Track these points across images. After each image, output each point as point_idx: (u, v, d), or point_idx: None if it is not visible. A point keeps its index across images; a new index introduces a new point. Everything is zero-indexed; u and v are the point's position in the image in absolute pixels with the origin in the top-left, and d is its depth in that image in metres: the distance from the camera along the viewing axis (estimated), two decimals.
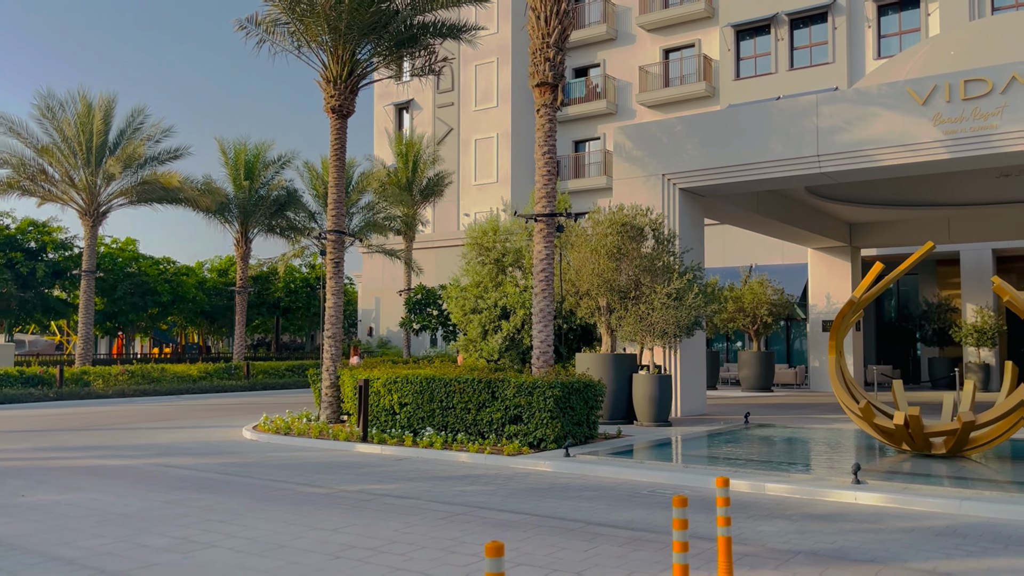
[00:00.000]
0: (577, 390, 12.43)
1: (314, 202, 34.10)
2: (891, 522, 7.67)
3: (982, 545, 6.80)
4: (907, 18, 29.81)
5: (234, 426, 16.78)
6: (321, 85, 16.34)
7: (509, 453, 11.64)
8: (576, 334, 20.36)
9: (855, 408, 11.44)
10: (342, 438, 13.61)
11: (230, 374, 29.00)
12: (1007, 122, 14.30)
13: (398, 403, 13.53)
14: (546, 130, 14.95)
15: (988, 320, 25.95)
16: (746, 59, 32.84)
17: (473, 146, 38.62)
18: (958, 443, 10.77)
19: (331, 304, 16.11)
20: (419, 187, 35.11)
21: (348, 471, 10.89)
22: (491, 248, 20.31)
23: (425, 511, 8.25)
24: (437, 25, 16.85)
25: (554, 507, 8.43)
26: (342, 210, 16.27)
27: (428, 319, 29.11)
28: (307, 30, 15.81)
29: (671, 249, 16.49)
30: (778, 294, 25.69)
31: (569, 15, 15.06)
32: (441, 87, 39.62)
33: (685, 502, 4.87)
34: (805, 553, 6.56)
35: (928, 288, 29.87)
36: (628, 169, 18.32)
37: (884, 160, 15.53)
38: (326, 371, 15.92)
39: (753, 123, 16.94)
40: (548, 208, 14.92)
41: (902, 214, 24.25)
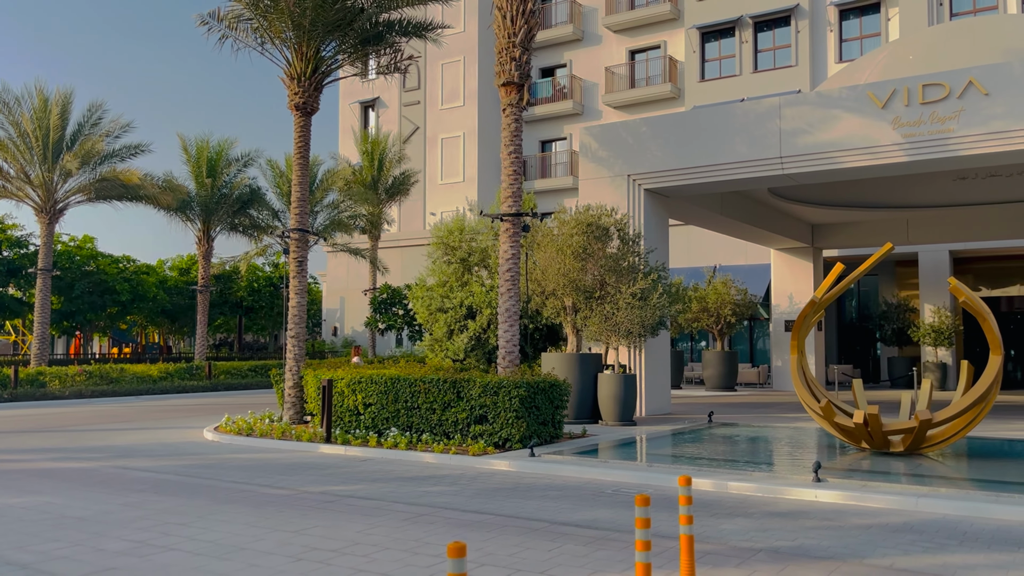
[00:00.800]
0: (542, 390, 12.44)
1: (278, 200, 33.75)
2: (850, 519, 7.77)
3: (937, 541, 6.92)
4: (868, 23, 30.30)
5: (195, 427, 16.53)
6: (285, 82, 16.17)
7: (474, 453, 11.61)
8: (542, 334, 20.39)
9: (816, 407, 11.59)
10: (305, 439, 13.47)
11: (191, 374, 28.59)
12: (964, 126, 14.58)
13: (362, 403, 13.43)
14: (512, 130, 14.94)
15: (945, 320, 26.47)
16: (711, 61, 33.14)
17: (439, 145, 38.51)
18: (915, 441, 10.96)
19: (294, 303, 15.95)
20: (385, 186, 34.92)
21: (311, 472, 10.79)
22: (457, 247, 20.26)
23: (389, 512, 8.19)
24: (403, 23, 16.76)
25: (518, 507, 8.42)
26: (306, 208, 16.11)
27: (393, 319, 28.97)
28: (271, 26, 15.63)
29: (636, 249, 16.57)
30: (741, 294, 25.96)
31: (535, 15, 15.07)
32: (407, 85, 39.45)
33: (647, 501, 4.89)
34: (766, 551, 6.62)
35: (888, 289, 30.39)
36: (594, 169, 18.38)
37: (845, 162, 15.76)
38: (289, 371, 15.75)
39: (717, 124, 17.10)
40: (514, 208, 14.91)
41: (862, 215, 24.64)
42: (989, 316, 10.68)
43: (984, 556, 6.45)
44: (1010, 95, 14.26)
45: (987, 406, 10.85)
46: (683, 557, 5.42)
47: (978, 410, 10.82)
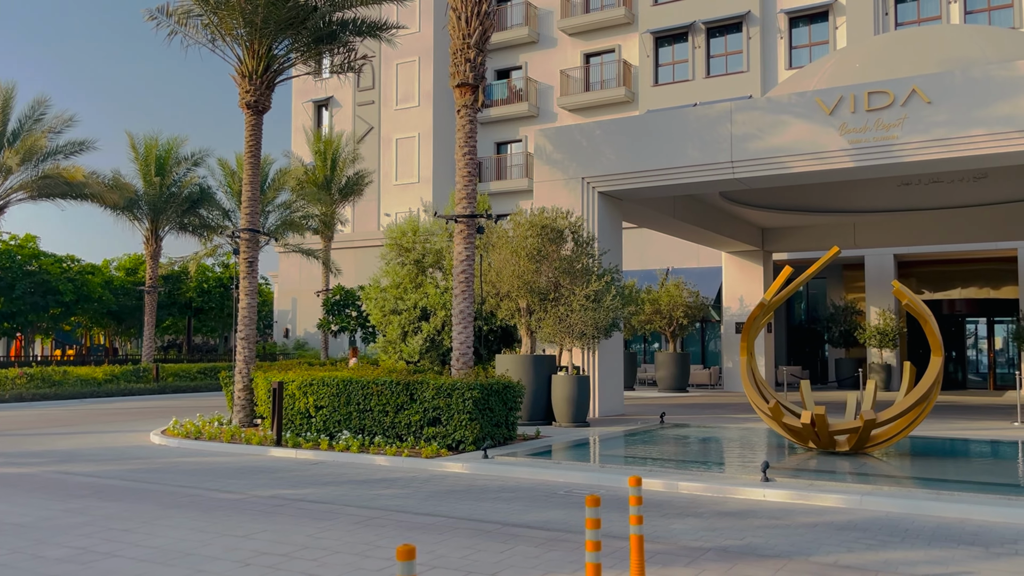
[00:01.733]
0: (496, 391, 12.44)
1: (228, 200, 33.19)
2: (797, 518, 7.91)
3: (880, 538, 7.08)
4: (816, 31, 30.93)
5: (141, 431, 16.18)
6: (236, 80, 15.92)
7: (427, 455, 11.56)
8: (497, 335, 20.39)
9: (765, 408, 11.78)
10: (255, 442, 13.28)
11: (138, 377, 27.98)
12: (907, 133, 14.96)
13: (314, 406, 13.28)
14: (467, 131, 14.92)
15: (890, 323, 27.13)
16: (665, 66, 33.51)
17: (394, 145, 38.30)
18: (860, 441, 11.21)
19: (245, 305, 15.71)
20: (338, 186, 34.59)
21: (261, 476, 10.63)
22: (411, 249, 20.16)
23: (340, 515, 8.11)
24: (357, 23, 16.62)
25: (471, 509, 8.40)
26: (257, 208, 15.89)
27: (347, 320, 28.71)
28: (221, 23, 15.38)
29: (590, 251, 16.67)
30: (693, 296, 26.27)
31: (490, 16, 15.07)
32: (362, 85, 39.16)
33: (598, 502, 4.91)
34: (715, 550, 6.70)
35: (835, 291, 31.04)
36: (549, 172, 18.45)
37: (794, 167, 16.05)
38: (239, 373, 15.51)
39: (670, 129, 17.29)
40: (469, 209, 14.89)
41: (811, 220, 25.13)
42: (930, 319, 10.97)
43: (924, 552, 6.62)
44: (951, 104, 14.67)
45: (928, 406, 11.14)
46: (633, 557, 5.46)
47: (920, 410, 11.10)
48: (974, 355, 30.24)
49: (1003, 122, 14.26)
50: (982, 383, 29.21)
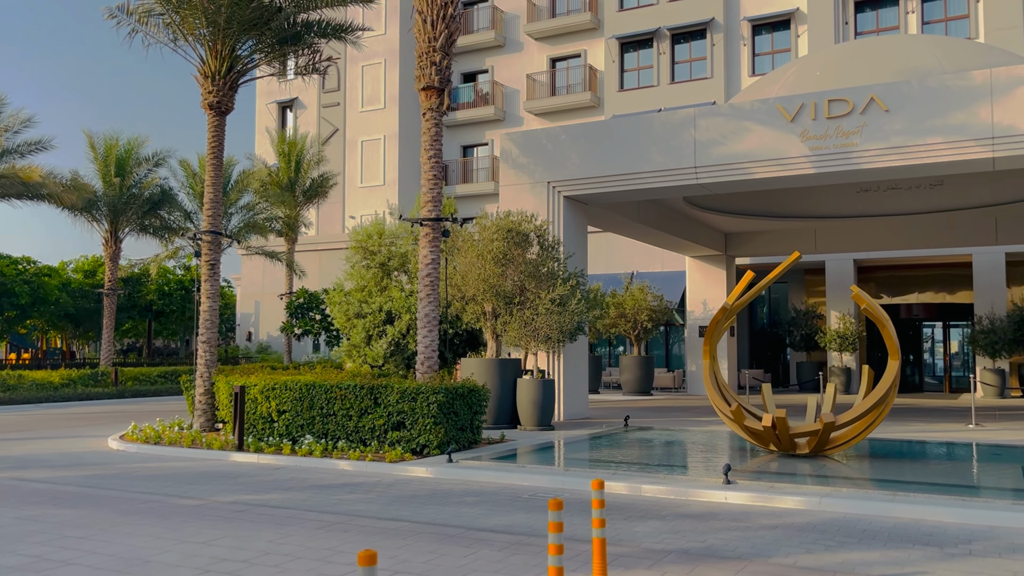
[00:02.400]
0: (461, 395, 12.42)
1: (190, 201, 32.76)
2: (758, 520, 8.01)
3: (838, 539, 7.19)
4: (779, 38, 31.39)
5: (99, 436, 15.89)
6: (198, 80, 15.73)
7: (391, 460, 11.50)
8: (462, 339, 20.35)
9: (727, 411, 11.91)
10: (216, 447, 13.11)
11: (96, 381, 27.48)
12: (866, 140, 15.24)
13: (276, 410, 13.14)
14: (432, 134, 14.90)
15: (850, 327, 27.58)
16: (630, 71, 33.75)
17: (359, 148, 38.09)
18: (820, 443, 11.37)
19: (206, 308, 15.51)
20: (302, 188, 34.31)
21: (222, 481, 10.49)
22: (376, 252, 20.05)
23: (302, 521, 8.04)
24: (321, 24, 16.52)
25: (435, 513, 8.38)
26: (219, 210, 15.70)
27: (310, 324, 28.47)
28: (183, 22, 15.19)
29: (555, 255, 16.73)
30: (658, 300, 26.48)
31: (456, 20, 15.07)
32: (327, 87, 38.90)
33: (560, 505, 4.93)
34: (677, 552, 6.76)
35: (796, 296, 31.47)
36: (515, 175, 18.49)
37: (756, 173, 16.26)
38: (200, 377, 15.31)
39: (635, 134, 17.42)
40: (434, 212, 14.86)
41: (773, 225, 25.47)
42: (888, 323, 11.17)
43: (881, 553, 6.73)
44: (908, 112, 14.97)
45: (886, 409, 11.34)
46: (595, 560, 5.49)
47: (877, 413, 11.29)
48: (931, 358, 30.86)
49: (958, 130, 14.59)
50: (938, 386, 29.81)
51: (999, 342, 24.84)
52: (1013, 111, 14.23)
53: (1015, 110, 14.22)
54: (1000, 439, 14.06)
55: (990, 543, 7.07)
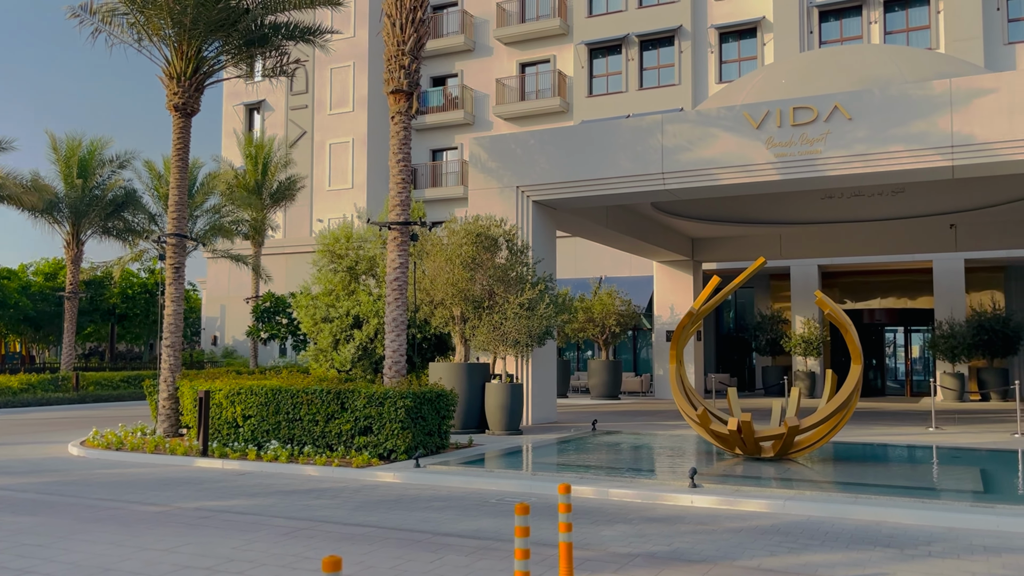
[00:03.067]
0: (429, 400, 12.38)
1: (155, 203, 32.30)
2: (723, 523, 8.08)
3: (802, 542, 7.28)
4: (745, 46, 31.76)
5: (59, 442, 15.59)
6: (164, 81, 15.54)
7: (358, 465, 11.43)
8: (430, 343, 20.30)
9: (693, 415, 12.01)
10: (180, 453, 12.93)
11: (57, 386, 26.96)
12: (830, 148, 15.47)
13: (241, 415, 13.00)
14: (400, 138, 14.86)
15: (814, 331, 27.95)
16: (599, 77, 33.95)
17: (327, 150, 37.86)
18: (784, 446, 11.51)
19: (170, 311, 15.31)
20: (269, 190, 34.00)
21: (185, 487, 10.35)
22: (344, 255, 19.93)
23: (267, 527, 7.96)
24: (289, 26, 16.41)
25: (402, 519, 8.34)
26: (184, 213, 15.51)
27: (277, 328, 28.21)
28: (148, 23, 15.00)
29: (524, 260, 16.76)
30: (625, 305, 26.62)
31: (425, 24, 15.05)
32: (295, 89, 38.62)
33: (527, 510, 4.93)
34: (643, 556, 6.80)
35: (762, 301, 31.83)
36: (484, 180, 18.50)
37: (722, 179, 16.43)
38: (164, 382, 15.10)
39: (603, 139, 17.52)
40: (402, 216, 14.82)
41: (739, 231, 25.75)
42: (851, 328, 11.35)
43: (843, 555, 6.83)
44: (870, 120, 15.24)
45: (848, 412, 11.51)
46: (562, 564, 5.50)
47: (840, 416, 11.46)
48: (893, 363, 31.37)
49: (918, 139, 14.87)
50: (900, 390, 30.31)
51: (958, 347, 25.33)
52: (971, 121, 14.54)
53: (973, 120, 14.54)
54: (959, 442, 14.33)
55: (949, 544, 7.20)
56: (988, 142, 14.44)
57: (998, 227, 24.08)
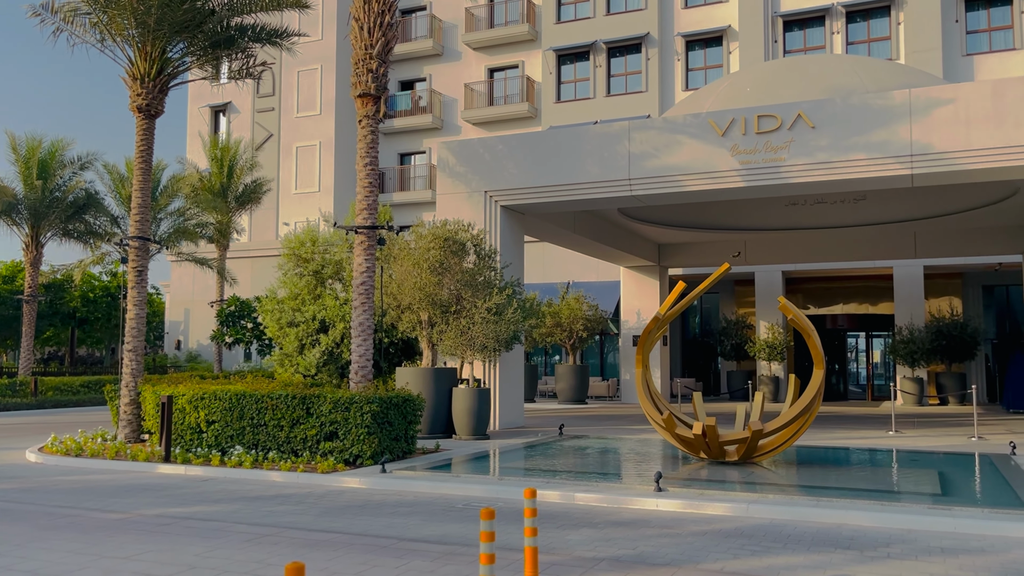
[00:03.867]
0: (395, 405, 12.34)
1: (118, 206, 31.81)
2: (687, 526, 8.15)
3: (764, 544, 7.37)
4: (711, 54, 32.12)
5: (16, 448, 15.27)
6: (127, 82, 15.33)
7: (323, 471, 11.35)
8: (398, 348, 20.22)
9: (659, 419, 12.09)
10: (142, 459, 12.74)
11: (14, 391, 26.41)
12: (793, 155, 15.70)
13: (205, 421, 12.85)
14: (368, 141, 14.81)
15: (778, 336, 28.30)
16: (567, 83, 34.10)
17: (294, 153, 37.58)
18: (748, 450, 11.64)
19: (133, 315, 15.09)
20: (235, 193, 33.64)
21: (147, 494, 10.20)
22: (310, 259, 19.79)
23: (231, 533, 7.87)
24: (256, 29, 16.27)
25: (367, 524, 8.30)
26: (147, 215, 15.31)
27: (242, 332, 27.91)
28: (111, 23, 14.79)
29: (492, 264, 16.77)
30: (593, 310, 26.75)
31: (393, 27, 15.03)
32: (261, 91, 38.30)
33: (492, 515, 4.94)
34: (608, 560, 6.83)
35: (727, 306, 32.17)
36: (452, 184, 18.49)
37: (688, 186, 16.59)
38: (125, 387, 14.87)
39: (571, 145, 17.60)
40: (369, 220, 14.76)
41: (705, 236, 26.00)
42: (813, 333, 11.51)
43: (804, 557, 6.93)
44: (833, 129, 15.49)
45: (811, 417, 11.67)
46: (527, 568, 5.52)
47: (803, 420, 11.62)
48: (855, 367, 31.87)
49: (879, 148, 15.15)
50: (862, 394, 30.80)
51: (918, 352, 25.80)
52: (930, 130, 14.85)
53: (932, 130, 14.85)
54: (918, 445, 14.60)
55: (907, 546, 7.33)
56: (946, 151, 14.75)
57: (956, 235, 24.61)
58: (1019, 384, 22.99)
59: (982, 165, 14.67)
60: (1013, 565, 6.66)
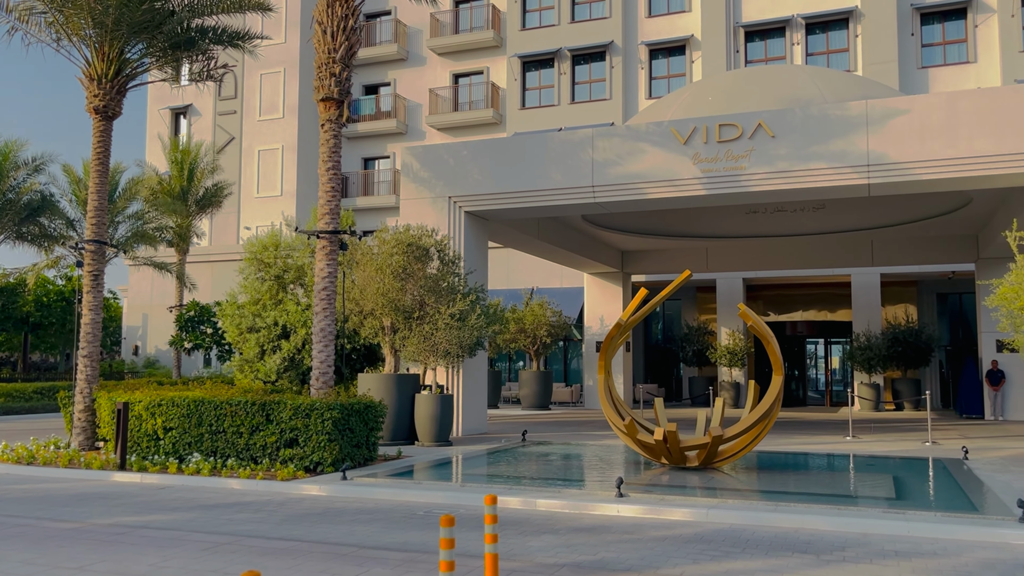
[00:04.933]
0: (357, 411, 12.24)
1: (73, 209, 31.19)
2: (648, 532, 8.19)
3: (723, 549, 7.44)
4: (674, 63, 32.47)
5: None
6: (84, 83, 15.05)
7: (283, 478, 11.22)
8: (360, 354, 20.07)
9: (621, 425, 12.15)
10: (96, 467, 12.48)
11: None
12: (754, 164, 15.91)
13: (162, 427, 12.63)
14: (331, 146, 14.71)
15: (739, 343, 28.63)
16: (531, 90, 34.22)
17: (256, 157, 37.20)
18: (709, 456, 11.75)
19: (88, 320, 14.80)
20: (195, 197, 33.18)
21: (101, 502, 10.00)
22: (271, 264, 19.58)
23: (187, 542, 7.74)
24: (217, 31, 16.09)
25: (327, 532, 8.22)
26: (104, 218, 15.03)
27: (201, 338, 27.52)
28: (68, 22, 14.51)
29: (456, 270, 16.74)
30: (557, 316, 26.82)
31: (357, 32, 14.95)
32: (223, 94, 37.86)
33: (452, 522, 4.93)
34: (569, 566, 6.84)
35: (689, 313, 32.47)
36: (416, 190, 18.43)
37: (651, 193, 16.73)
38: (80, 393, 14.56)
39: (535, 152, 17.66)
40: (331, 225, 14.65)
41: (667, 244, 26.24)
42: (772, 339, 11.66)
43: (762, 561, 7.00)
44: (792, 138, 15.73)
45: (770, 422, 11.82)
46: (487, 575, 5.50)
47: (762, 426, 11.76)
48: (814, 373, 32.35)
49: (837, 157, 15.42)
50: (820, 400, 31.26)
51: (874, 358, 26.27)
52: (886, 141, 15.16)
53: (888, 140, 15.15)
54: (874, 450, 14.86)
55: (863, 549, 7.45)
56: (901, 162, 15.06)
57: (911, 244, 25.12)
58: (971, 390, 23.52)
59: (936, 175, 15.00)
60: (965, 568, 6.80)
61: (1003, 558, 7.15)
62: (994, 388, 22.72)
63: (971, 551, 7.40)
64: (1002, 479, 11.22)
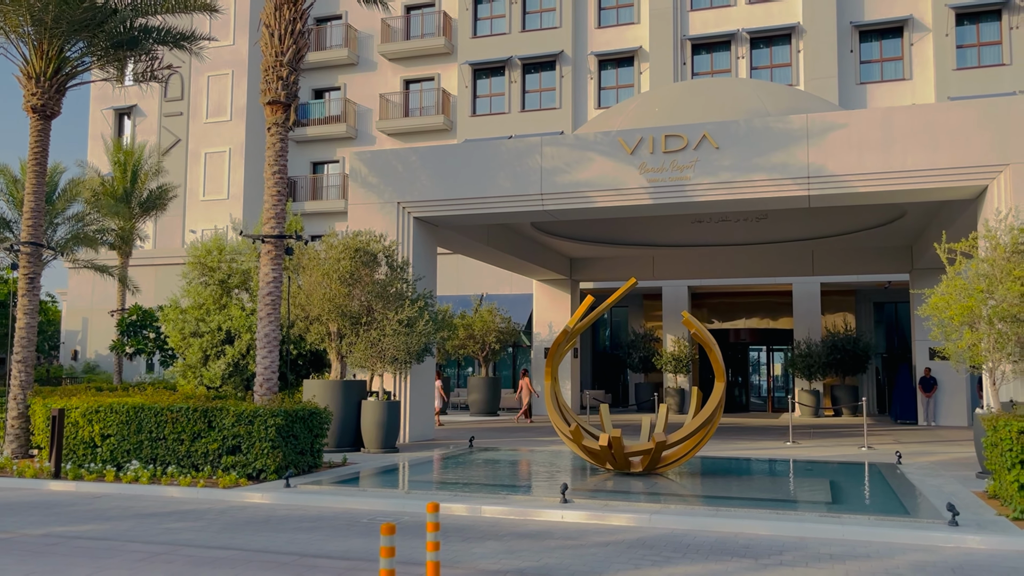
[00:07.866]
0: (301, 418, 12.13)
1: (10, 210, 30.26)
2: (591, 537, 8.28)
3: (665, 554, 7.55)
4: (623, 74, 32.87)
5: None
6: (21, 81, 14.67)
7: (225, 486, 11.05)
8: (306, 360, 19.86)
9: (567, 430, 12.25)
10: (29, 475, 12.13)
11: None
12: (698, 174, 16.20)
13: (100, 435, 12.34)
14: (277, 149, 14.56)
15: (684, 349, 29.04)
16: (482, 97, 34.30)
17: (203, 160, 36.57)
18: (652, 461, 11.91)
19: (23, 324, 14.39)
20: (139, 199, 32.42)
21: (34, 512, 9.73)
22: (216, 268, 19.27)
23: (123, 552, 7.58)
24: (161, 31, 15.82)
25: (268, 541, 8.12)
26: (41, 220, 14.66)
27: (144, 343, 26.90)
28: (5, 19, 14.13)
29: (404, 276, 16.69)
30: (506, 322, 26.89)
31: (305, 36, 14.85)
32: (169, 95, 37.16)
33: (392, 529, 4.93)
34: (513, 572, 6.88)
35: (636, 320, 32.83)
36: (364, 195, 18.34)
37: (598, 202, 16.91)
38: (13, 399, 14.15)
39: (484, 159, 17.72)
40: (277, 229, 14.50)
41: (615, 251, 26.51)
42: (715, 346, 11.88)
43: (702, 566, 7.13)
44: (736, 150, 16.06)
45: (712, 428, 12.03)
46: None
47: (704, 432, 11.96)
48: (756, 380, 32.96)
49: (779, 169, 15.79)
50: (763, 406, 31.86)
51: (814, 365, 26.89)
52: (825, 154, 15.57)
53: (827, 153, 15.57)
54: (813, 455, 15.21)
55: (799, 553, 7.64)
56: (839, 174, 15.48)
57: (850, 254, 25.80)
58: (905, 397, 24.23)
59: (872, 188, 15.46)
60: (896, 570, 7.02)
61: (933, 560, 7.40)
62: (927, 395, 23.44)
63: (903, 554, 7.63)
64: (933, 483, 11.59)
